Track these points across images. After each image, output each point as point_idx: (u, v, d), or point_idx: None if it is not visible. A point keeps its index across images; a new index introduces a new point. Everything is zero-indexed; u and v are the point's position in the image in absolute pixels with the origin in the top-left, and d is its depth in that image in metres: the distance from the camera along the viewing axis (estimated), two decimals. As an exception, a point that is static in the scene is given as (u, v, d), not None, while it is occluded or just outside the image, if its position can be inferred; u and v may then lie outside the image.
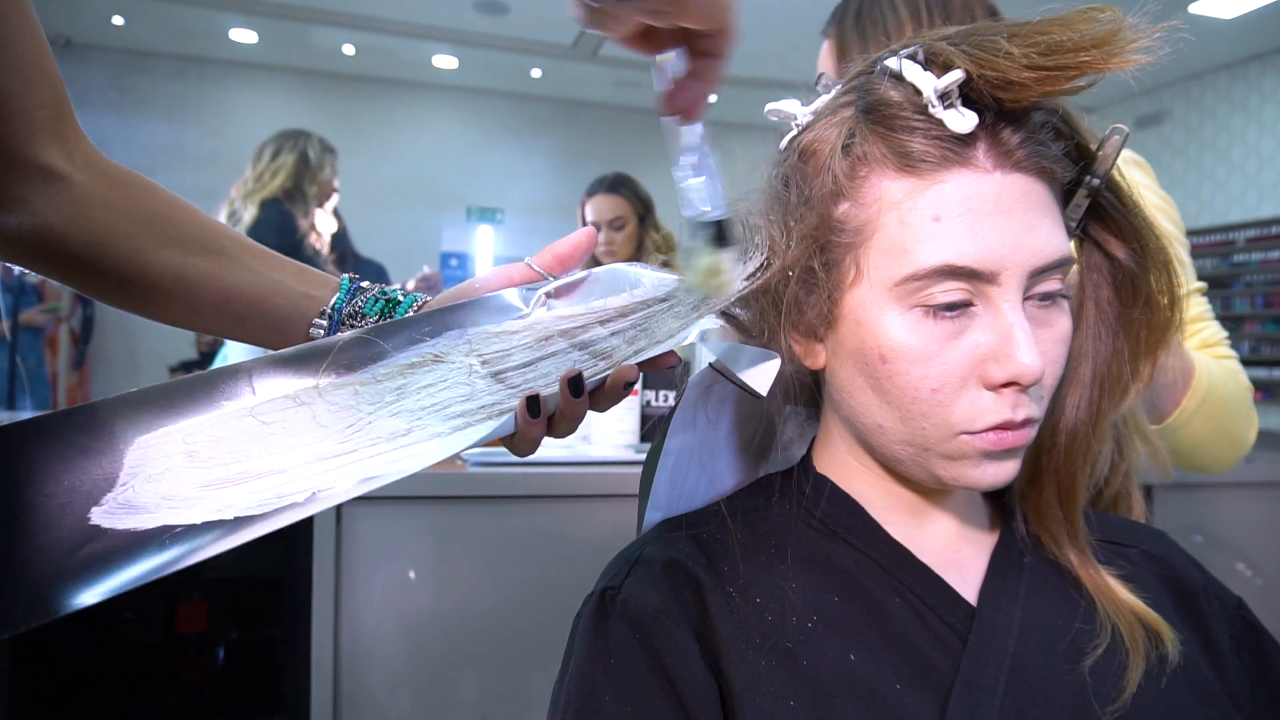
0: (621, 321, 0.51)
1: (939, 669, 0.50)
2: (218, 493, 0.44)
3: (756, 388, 0.51)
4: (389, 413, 0.47)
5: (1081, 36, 0.43)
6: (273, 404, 0.46)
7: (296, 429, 0.46)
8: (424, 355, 0.48)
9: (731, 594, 0.52)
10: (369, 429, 0.46)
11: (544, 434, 0.50)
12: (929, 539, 0.56)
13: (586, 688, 0.50)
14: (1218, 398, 0.86)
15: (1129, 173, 0.91)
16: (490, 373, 0.49)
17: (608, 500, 1.29)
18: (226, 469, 0.45)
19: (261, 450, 0.45)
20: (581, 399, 0.49)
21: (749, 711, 0.47)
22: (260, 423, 0.46)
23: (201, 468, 0.45)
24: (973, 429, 0.48)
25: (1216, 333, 0.94)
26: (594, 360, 0.50)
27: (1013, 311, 0.47)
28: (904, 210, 0.48)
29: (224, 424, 0.46)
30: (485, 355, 0.49)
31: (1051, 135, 0.49)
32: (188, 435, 0.45)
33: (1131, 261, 0.54)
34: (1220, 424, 0.87)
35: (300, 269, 0.57)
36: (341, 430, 0.46)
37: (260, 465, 0.45)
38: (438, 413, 0.47)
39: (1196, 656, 0.54)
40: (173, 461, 0.44)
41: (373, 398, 0.47)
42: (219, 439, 0.45)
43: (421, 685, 1.21)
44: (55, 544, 0.42)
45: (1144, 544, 0.61)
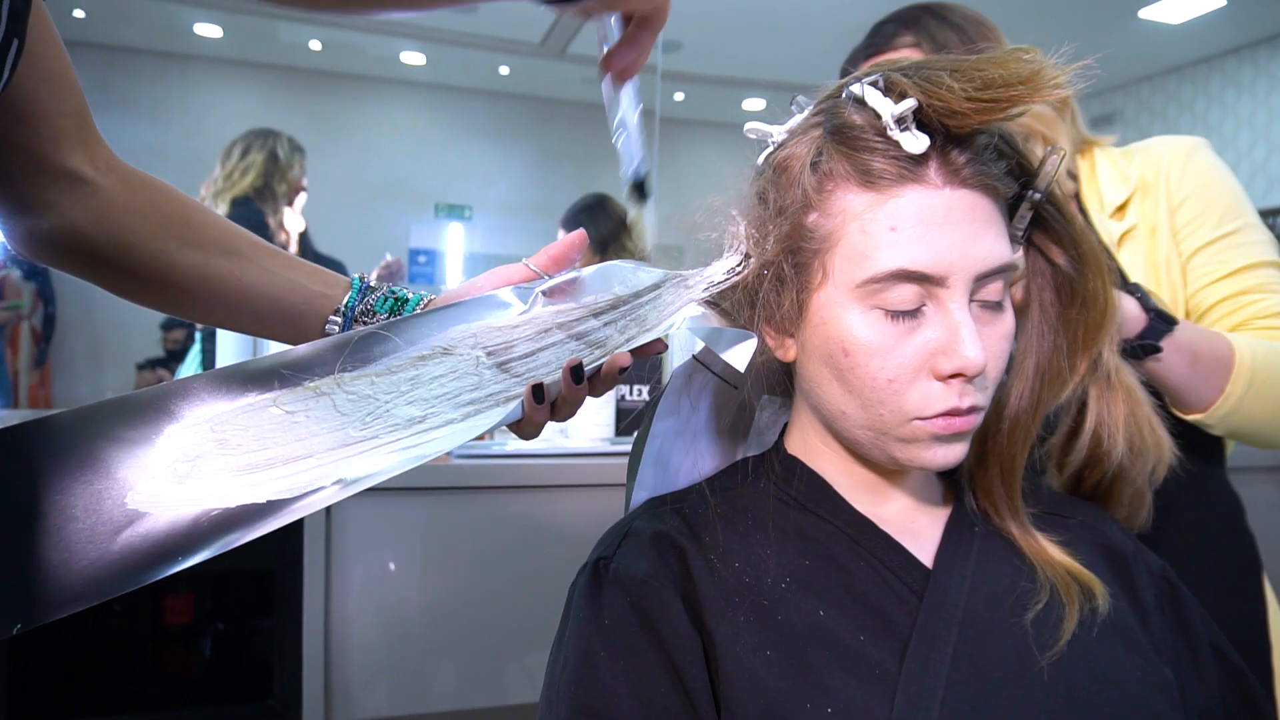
0: (613, 313, 0.57)
1: (898, 623, 0.56)
2: (249, 478, 0.48)
3: (735, 364, 0.57)
4: (405, 401, 0.51)
5: (1011, 74, 0.50)
6: (295, 394, 0.50)
7: (319, 417, 0.50)
8: (434, 348, 0.53)
9: (713, 560, 0.58)
10: (388, 416, 0.51)
11: (548, 418, 0.55)
12: (889, 513, 0.62)
13: (583, 647, 0.55)
14: (1266, 376, 0.85)
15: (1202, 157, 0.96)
16: (495, 363, 0.54)
17: (586, 489, 1.34)
18: (256, 455, 0.48)
19: (288, 438, 0.49)
20: (582, 385, 0.54)
21: (730, 661, 0.53)
22: (284, 412, 0.50)
23: (232, 455, 0.48)
24: (924, 415, 0.55)
25: (1276, 305, 0.91)
26: (590, 349, 0.56)
27: (960, 311, 0.53)
28: (865, 221, 0.54)
29: (249, 414, 0.49)
30: (490, 347, 0.54)
31: (995, 156, 0.56)
32: (216, 424, 0.48)
33: (1070, 267, 0.60)
34: (1276, 401, 0.86)
35: (313, 269, 0.62)
36: (362, 418, 0.50)
37: (288, 452, 0.49)
38: (450, 400, 0.52)
39: (1124, 610, 0.61)
40: (204, 449, 0.48)
41: (389, 388, 0.51)
42: (246, 428, 0.49)
43: (410, 671, 1.26)
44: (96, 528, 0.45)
45: (1081, 516, 0.68)
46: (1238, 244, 0.93)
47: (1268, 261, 0.93)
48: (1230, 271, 0.92)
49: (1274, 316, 0.90)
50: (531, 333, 0.55)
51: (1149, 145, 0.98)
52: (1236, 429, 0.87)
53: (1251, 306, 0.91)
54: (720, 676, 0.54)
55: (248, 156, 2.36)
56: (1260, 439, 0.89)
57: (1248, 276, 0.92)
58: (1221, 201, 0.94)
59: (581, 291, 0.57)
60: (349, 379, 0.51)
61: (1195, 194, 0.94)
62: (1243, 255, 0.93)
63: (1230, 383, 0.84)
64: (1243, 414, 0.85)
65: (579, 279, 0.58)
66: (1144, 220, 0.94)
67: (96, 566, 0.45)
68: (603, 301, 0.57)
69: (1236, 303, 0.92)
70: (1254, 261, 0.92)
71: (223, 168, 2.35)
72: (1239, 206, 0.95)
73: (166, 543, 0.46)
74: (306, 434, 0.49)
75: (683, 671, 0.54)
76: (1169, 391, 0.85)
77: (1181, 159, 0.95)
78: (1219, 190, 0.94)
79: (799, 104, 0.62)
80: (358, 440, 0.50)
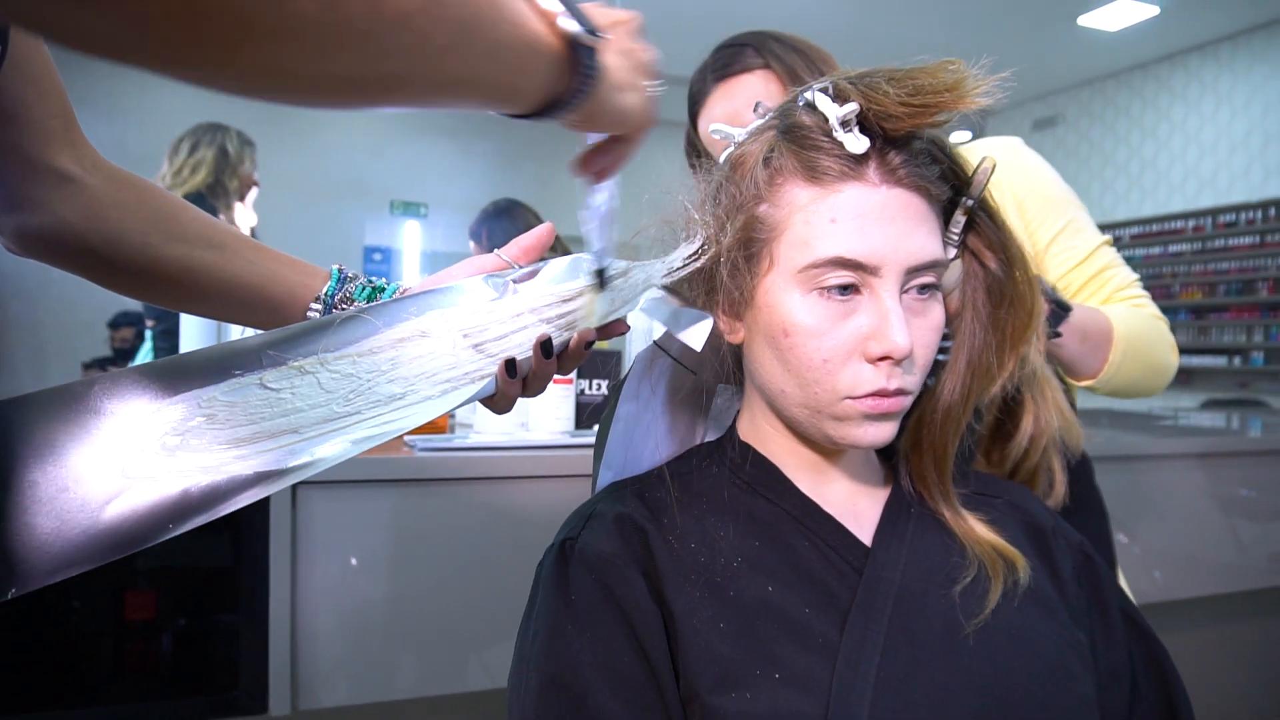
0: (579, 299, 0.61)
1: (840, 596, 0.61)
2: (236, 450, 0.51)
3: (692, 344, 0.62)
4: (386, 379, 0.55)
5: (938, 82, 0.56)
6: (279, 372, 0.53)
7: (304, 394, 0.53)
8: (412, 332, 0.57)
9: (671, 541, 0.62)
10: (370, 393, 0.54)
11: (520, 393, 0.60)
12: (832, 494, 0.67)
13: (552, 621, 0.60)
14: (1137, 342, 1.01)
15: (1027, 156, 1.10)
16: (471, 344, 0.58)
17: (546, 480, 1.38)
18: (243, 429, 0.51)
19: (274, 412, 0.52)
20: (551, 360, 0.59)
21: (688, 632, 0.58)
22: (269, 389, 0.53)
23: (220, 429, 0.51)
24: (855, 394, 0.60)
25: (1126, 277, 1.09)
26: (559, 331, 0.60)
27: (890, 299, 0.59)
28: (809, 212, 0.59)
29: (236, 391, 0.52)
30: (465, 330, 0.58)
31: (928, 160, 0.61)
32: (203, 401, 0.51)
33: (1000, 270, 0.66)
34: (1147, 362, 1.03)
35: (294, 261, 0.65)
36: (345, 395, 0.54)
37: (274, 426, 0.52)
38: (428, 379, 0.56)
39: (1044, 581, 0.67)
40: (193, 424, 0.51)
41: (371, 367, 0.55)
42: (233, 404, 0.52)
43: (374, 661, 1.28)
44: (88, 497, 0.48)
45: (1008, 496, 0.74)
46: (1077, 230, 1.09)
47: (1102, 241, 1.10)
48: (1083, 257, 1.09)
49: (1130, 285, 1.09)
50: (505, 316, 0.59)
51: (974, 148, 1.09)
52: (1117, 389, 1.03)
53: (1111, 282, 1.08)
54: (679, 647, 0.58)
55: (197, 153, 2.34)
56: (1131, 394, 1.05)
57: (1097, 258, 1.08)
58: (1055, 195, 1.10)
59: (550, 279, 0.62)
60: (332, 358, 0.54)
61: (1034, 190, 1.09)
62: (1085, 240, 1.09)
63: (1112, 352, 0.99)
64: (1121, 377, 1.01)
65: (546, 268, 0.62)
66: None
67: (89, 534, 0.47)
68: (571, 289, 0.61)
69: (1099, 280, 1.08)
70: (1094, 245, 1.09)
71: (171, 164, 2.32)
72: (1067, 197, 1.10)
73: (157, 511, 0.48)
74: (292, 409, 0.52)
75: (645, 642, 0.58)
76: (1063, 364, 1.01)
77: (1014, 159, 1.10)
78: (1050, 185, 1.10)
79: (761, 108, 0.67)
80: (341, 415, 0.53)
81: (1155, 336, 1.04)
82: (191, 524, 0.50)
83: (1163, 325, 1.07)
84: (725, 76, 1.10)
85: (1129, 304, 1.07)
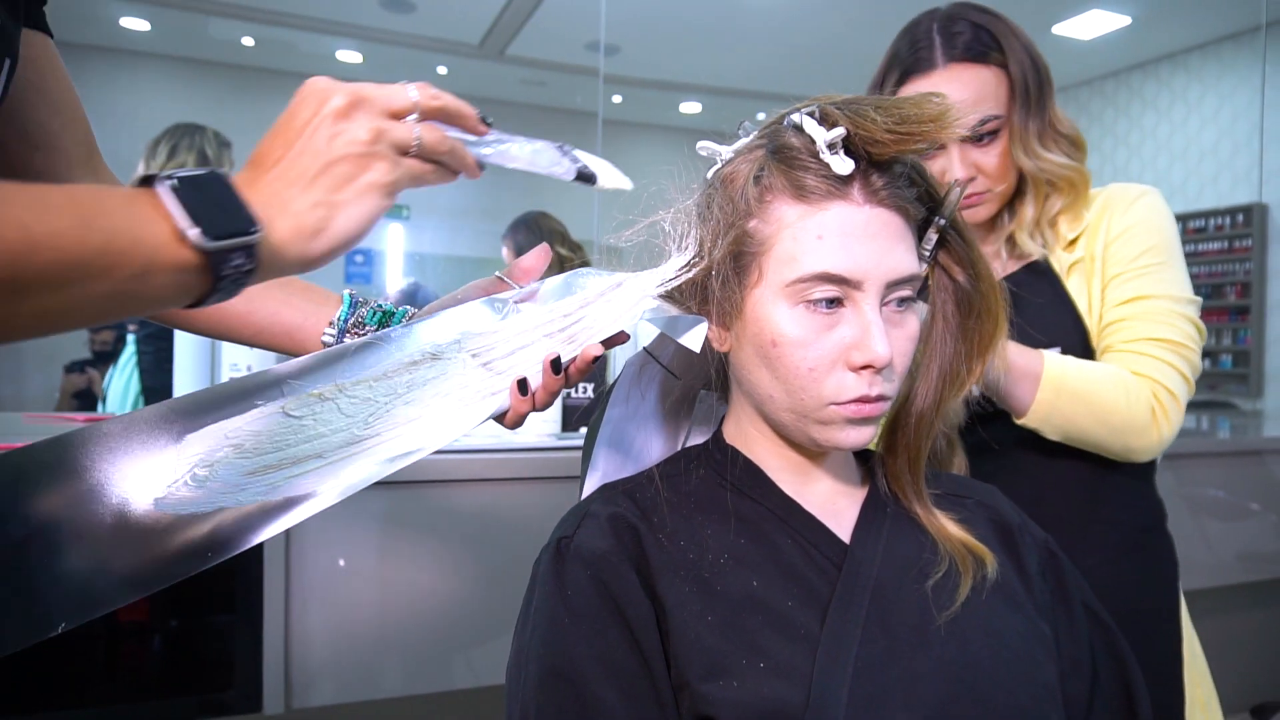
0: (580, 312, 0.64)
1: (820, 590, 0.65)
2: (264, 478, 0.53)
3: (690, 346, 0.65)
4: (403, 402, 0.57)
5: (923, 112, 0.60)
6: (300, 400, 0.55)
7: (326, 419, 0.55)
8: (424, 355, 0.59)
9: (661, 539, 0.66)
10: (388, 416, 0.57)
11: (531, 408, 0.63)
12: (814, 494, 0.71)
13: (550, 615, 0.63)
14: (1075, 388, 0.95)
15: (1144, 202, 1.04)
16: (480, 364, 0.61)
17: (533, 482, 1.40)
18: (270, 456, 0.53)
19: (299, 439, 0.54)
20: (560, 375, 0.62)
21: (678, 625, 0.62)
22: (292, 417, 0.55)
23: (248, 458, 0.53)
24: (838, 400, 0.64)
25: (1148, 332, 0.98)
26: (562, 345, 0.63)
27: (872, 312, 0.63)
28: (796, 229, 0.63)
29: (260, 421, 0.54)
30: (474, 350, 0.61)
31: (907, 182, 0.65)
32: (229, 432, 0.53)
33: (969, 283, 0.70)
34: (1093, 411, 0.95)
35: (307, 286, 0.68)
36: (365, 418, 0.56)
37: (299, 452, 0.54)
38: (443, 399, 0.59)
39: (1011, 576, 0.71)
40: (220, 454, 0.52)
41: (387, 391, 0.57)
42: (258, 433, 0.53)
43: (364, 660, 1.30)
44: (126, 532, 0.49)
45: (977, 496, 0.78)
46: (1145, 276, 1.01)
47: (1164, 294, 1.00)
48: (1126, 299, 1.01)
49: (1137, 341, 1.00)
50: (510, 335, 0.62)
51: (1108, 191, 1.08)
52: (1064, 434, 0.98)
53: (1121, 333, 1.01)
54: (670, 638, 0.62)
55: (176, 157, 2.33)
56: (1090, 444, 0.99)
57: (1137, 305, 1.00)
58: (1146, 241, 1.02)
59: (550, 297, 0.65)
60: (349, 385, 0.56)
61: (1125, 233, 1.03)
62: (1142, 286, 1.00)
63: (1040, 390, 0.95)
64: (1061, 419, 0.96)
65: (545, 287, 0.65)
66: (1088, 252, 1.05)
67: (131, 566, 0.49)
68: (570, 304, 0.65)
69: (1119, 327, 1.01)
70: (1149, 294, 1.00)
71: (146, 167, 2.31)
72: (1162, 248, 1.02)
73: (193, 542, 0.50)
74: (315, 435, 0.55)
75: (638, 634, 0.62)
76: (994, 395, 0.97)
77: (1126, 202, 1.05)
78: (1147, 230, 1.02)
79: (745, 128, 0.71)
80: (363, 438, 0.56)
81: (1115, 392, 0.96)
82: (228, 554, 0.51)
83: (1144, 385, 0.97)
84: (964, 60, 1.02)
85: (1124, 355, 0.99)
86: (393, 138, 0.50)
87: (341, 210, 0.48)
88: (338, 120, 0.49)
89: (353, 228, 0.49)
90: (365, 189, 0.49)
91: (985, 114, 1.01)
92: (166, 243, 0.42)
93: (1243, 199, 5.34)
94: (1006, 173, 1.04)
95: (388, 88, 0.51)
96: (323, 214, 0.48)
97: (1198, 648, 1.10)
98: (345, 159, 0.48)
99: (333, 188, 0.48)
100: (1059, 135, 1.05)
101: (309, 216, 0.47)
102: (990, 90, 1.01)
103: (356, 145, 0.49)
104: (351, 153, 0.48)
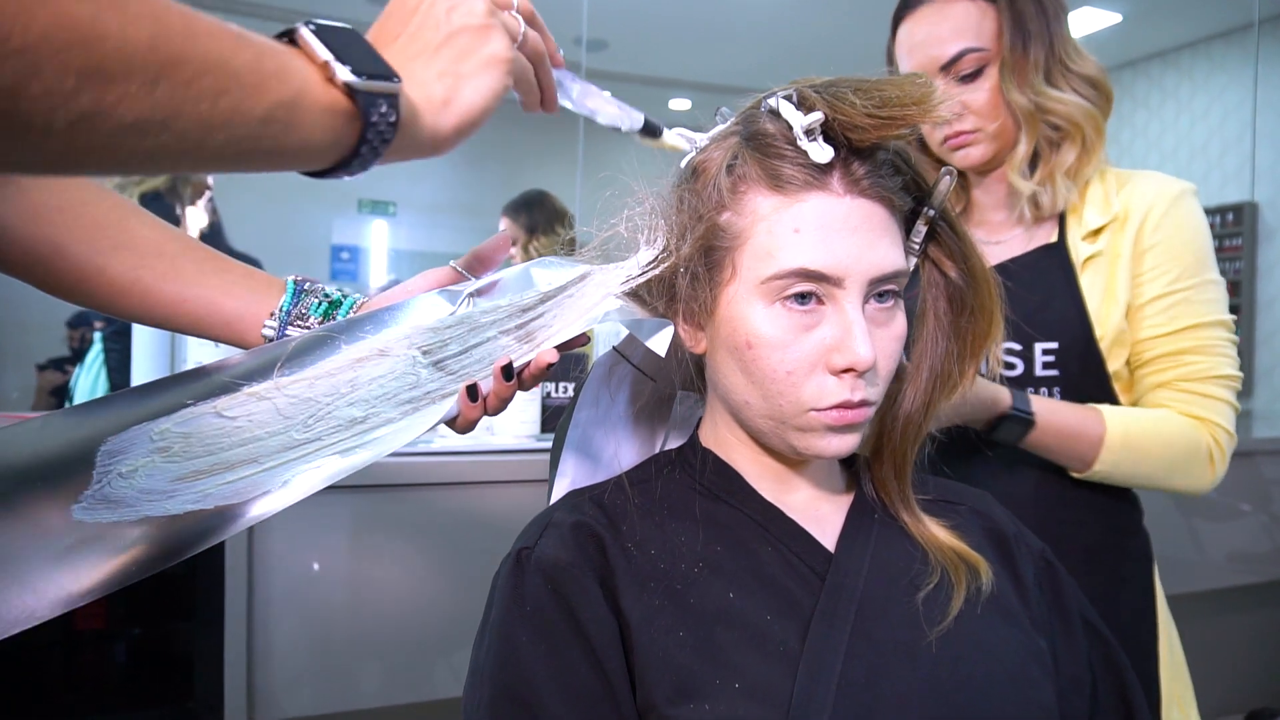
0: (540, 307, 0.59)
1: (802, 602, 0.60)
2: (194, 485, 0.48)
3: (656, 350, 0.61)
4: (346, 402, 0.53)
5: (905, 95, 0.55)
6: (234, 399, 0.50)
7: (262, 421, 0.50)
8: (370, 350, 0.54)
9: (629, 548, 0.61)
10: (329, 418, 0.52)
11: (482, 414, 0.58)
12: (795, 500, 0.66)
13: (506, 631, 0.58)
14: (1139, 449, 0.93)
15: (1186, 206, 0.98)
16: (431, 362, 0.56)
17: (512, 485, 1.36)
18: (200, 461, 0.48)
19: (232, 442, 0.49)
20: (512, 381, 0.57)
21: (645, 642, 0.57)
22: (225, 418, 0.50)
23: (175, 462, 0.48)
24: (819, 406, 0.59)
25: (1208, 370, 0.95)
26: (519, 344, 0.58)
27: (854, 311, 0.58)
28: (772, 222, 0.58)
29: (190, 422, 0.49)
30: (424, 347, 0.56)
31: (891, 171, 0.61)
32: (155, 434, 0.48)
33: (961, 279, 0.66)
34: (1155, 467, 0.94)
35: (249, 272, 0.63)
36: (304, 420, 0.51)
37: (232, 457, 0.49)
38: (389, 400, 0.54)
39: (1006, 588, 0.67)
40: (145, 459, 0.48)
41: (329, 390, 0.52)
42: (187, 435, 0.49)
43: (337, 669, 1.26)
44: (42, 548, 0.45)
45: (970, 503, 0.74)
46: (1191, 300, 0.95)
47: (1215, 321, 0.95)
48: (1177, 329, 0.95)
49: (1200, 381, 0.95)
50: (463, 331, 0.57)
51: (1141, 179, 1.00)
52: (1126, 482, 0.98)
53: (1182, 369, 0.95)
54: (636, 657, 0.57)
55: None
56: (1146, 489, 1.00)
57: (1190, 336, 0.95)
58: (1187, 256, 0.95)
59: (508, 290, 0.60)
60: (288, 383, 0.52)
61: (1165, 242, 0.96)
62: (1193, 313, 0.95)
63: (1103, 452, 0.93)
64: (1121, 475, 0.95)
65: (504, 279, 0.61)
66: (1111, 248, 0.98)
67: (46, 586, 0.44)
68: (529, 298, 0.60)
69: (1174, 360, 0.95)
70: (1201, 321, 0.95)
71: None
72: (1203, 262, 0.96)
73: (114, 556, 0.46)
74: (250, 438, 0.50)
75: (601, 653, 0.57)
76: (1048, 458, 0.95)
77: (1165, 203, 0.97)
78: (1188, 244, 0.96)
79: (723, 114, 0.66)
80: (302, 442, 0.51)
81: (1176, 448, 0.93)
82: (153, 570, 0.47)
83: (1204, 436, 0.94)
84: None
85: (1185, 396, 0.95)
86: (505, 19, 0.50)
87: (468, 81, 0.47)
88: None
89: (478, 101, 0.47)
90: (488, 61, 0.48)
91: (963, 47, 0.95)
92: (315, 81, 0.40)
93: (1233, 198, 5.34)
94: (997, 110, 0.98)
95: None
96: (450, 83, 0.46)
97: (1177, 643, 1.07)
98: (465, 29, 0.47)
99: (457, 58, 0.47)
100: (1068, 71, 0.98)
101: (436, 86, 0.46)
102: (972, 22, 0.96)
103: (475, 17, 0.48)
104: (471, 24, 0.48)
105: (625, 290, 0.61)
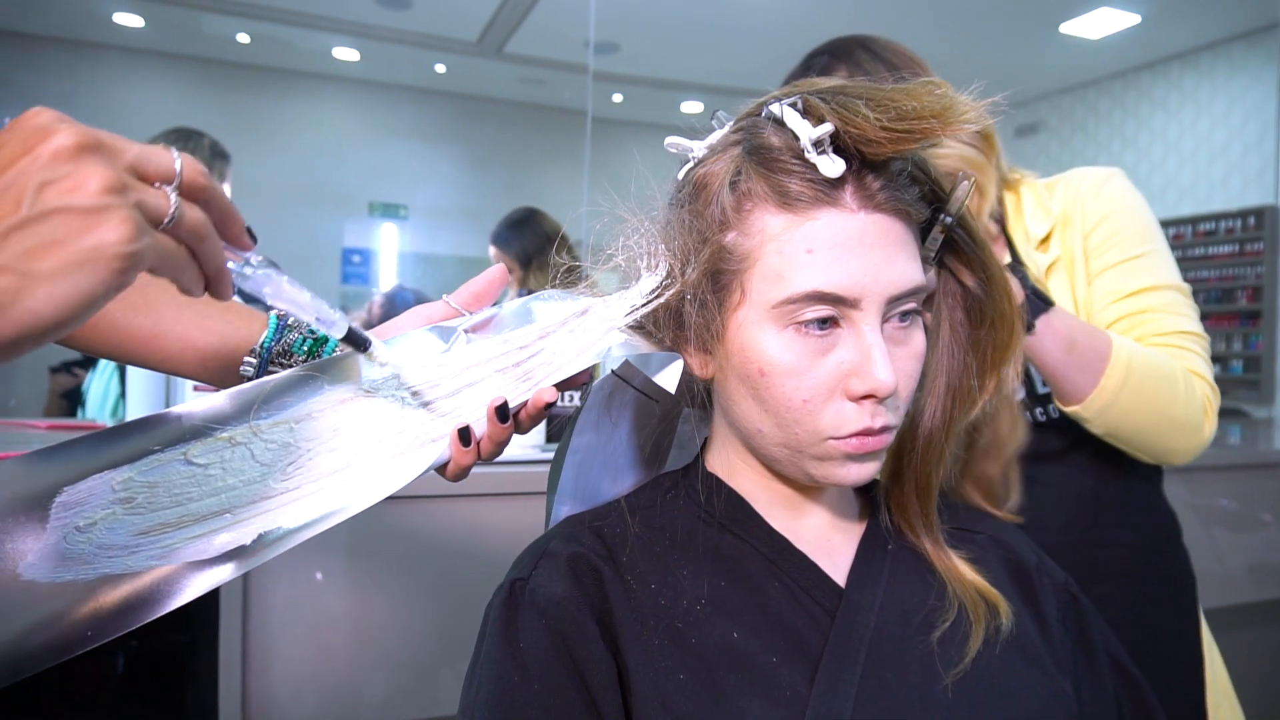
0: (538, 344, 0.56)
1: (810, 643, 0.57)
2: (159, 539, 0.44)
3: (665, 386, 0.57)
4: (328, 449, 0.48)
5: (924, 106, 0.51)
6: (206, 445, 0.46)
7: (236, 469, 0.46)
8: (356, 392, 0.50)
9: (629, 581, 0.58)
10: (311, 466, 0.48)
11: (475, 460, 0.54)
12: (805, 529, 0.63)
13: (497, 670, 0.55)
14: (1148, 379, 0.87)
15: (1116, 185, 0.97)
16: (420, 403, 0.52)
17: (516, 497, 1.33)
18: (167, 513, 0.44)
19: (203, 492, 0.45)
20: (508, 424, 0.54)
21: (643, 685, 0.54)
22: (195, 465, 0.46)
23: (139, 514, 0.44)
24: (838, 434, 0.55)
25: (1176, 325, 0.93)
26: (516, 384, 0.54)
27: (872, 333, 0.54)
28: (782, 242, 0.55)
29: (155, 470, 0.45)
30: (414, 387, 0.52)
31: (908, 181, 0.57)
32: (117, 484, 0.44)
33: (979, 289, 0.62)
34: (1156, 406, 0.88)
35: (226, 306, 0.58)
36: (283, 468, 0.47)
37: (203, 508, 0.45)
38: (375, 445, 0.50)
39: (1028, 625, 0.63)
40: (105, 513, 0.44)
41: (310, 434, 0.48)
42: (153, 485, 0.45)
43: (338, 684, 1.23)
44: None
45: (990, 531, 0.70)
46: (1142, 267, 0.95)
47: (1170, 285, 0.95)
48: (1131, 291, 0.95)
49: (1170, 334, 0.93)
50: (456, 369, 0.54)
51: (1068, 177, 1.01)
52: (1114, 428, 0.89)
53: (1147, 325, 0.94)
54: (634, 701, 0.54)
55: None
56: (1137, 442, 0.91)
57: (1148, 297, 0.94)
58: (1130, 227, 0.96)
59: (505, 325, 0.56)
60: (266, 426, 0.48)
61: (1106, 219, 0.97)
62: (1146, 277, 0.95)
63: (1106, 375, 0.87)
64: (1119, 410, 0.88)
65: (500, 315, 0.57)
66: (1065, 250, 0.98)
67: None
68: (528, 336, 0.56)
69: (1133, 321, 0.94)
70: (1156, 284, 0.94)
71: None
72: (1147, 232, 0.96)
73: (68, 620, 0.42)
74: (223, 487, 0.46)
75: (597, 696, 0.54)
76: (1047, 376, 0.90)
77: (1095, 188, 0.98)
78: (1128, 216, 0.96)
79: (719, 119, 0.63)
80: (279, 493, 0.47)
81: (1178, 385, 0.88)
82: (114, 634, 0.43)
83: (1198, 382, 0.91)
84: None
85: (1166, 350, 0.92)
86: (141, 198, 0.37)
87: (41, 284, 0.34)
88: (57, 161, 0.35)
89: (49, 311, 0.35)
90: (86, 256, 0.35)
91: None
92: None
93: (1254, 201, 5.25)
94: None
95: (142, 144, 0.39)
96: (10, 282, 0.34)
97: (1220, 667, 1.02)
98: (62, 212, 0.35)
99: (35, 251, 0.34)
100: None
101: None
102: None
103: (81, 196, 0.35)
104: (73, 204, 0.35)
105: (629, 323, 0.58)
